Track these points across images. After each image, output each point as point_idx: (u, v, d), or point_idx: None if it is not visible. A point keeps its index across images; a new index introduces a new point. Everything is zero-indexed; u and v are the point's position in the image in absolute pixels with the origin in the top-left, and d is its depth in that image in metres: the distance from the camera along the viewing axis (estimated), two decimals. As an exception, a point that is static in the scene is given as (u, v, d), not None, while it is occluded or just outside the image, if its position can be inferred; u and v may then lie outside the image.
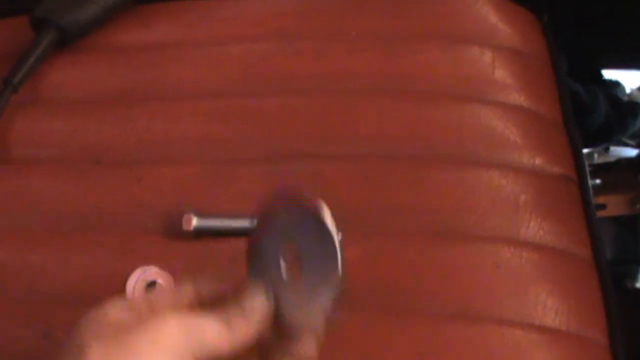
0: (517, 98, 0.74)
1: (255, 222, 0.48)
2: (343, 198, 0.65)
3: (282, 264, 0.47)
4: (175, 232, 0.66)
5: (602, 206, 1.29)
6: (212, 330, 0.43)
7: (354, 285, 0.59)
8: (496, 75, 0.75)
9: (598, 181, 1.31)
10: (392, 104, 0.72)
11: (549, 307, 0.60)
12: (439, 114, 0.72)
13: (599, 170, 1.35)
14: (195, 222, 0.65)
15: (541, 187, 0.68)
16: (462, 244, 0.63)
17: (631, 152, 1.43)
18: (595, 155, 1.52)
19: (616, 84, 1.53)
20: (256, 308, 0.45)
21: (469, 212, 0.65)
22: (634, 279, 1.28)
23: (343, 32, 0.80)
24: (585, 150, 1.52)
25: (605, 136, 1.37)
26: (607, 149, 1.49)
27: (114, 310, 0.44)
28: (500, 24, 0.79)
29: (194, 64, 0.80)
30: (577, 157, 0.73)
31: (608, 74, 1.51)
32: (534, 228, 0.64)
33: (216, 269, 0.64)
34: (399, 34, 0.79)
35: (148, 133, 0.75)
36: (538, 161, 0.70)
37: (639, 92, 1.54)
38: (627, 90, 1.54)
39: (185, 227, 0.65)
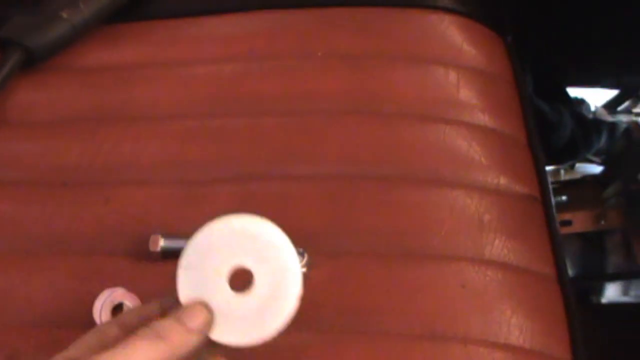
0: (482, 118, 0.75)
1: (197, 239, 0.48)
2: (310, 219, 0.65)
3: (224, 282, 0.47)
4: (142, 253, 0.65)
5: (568, 222, 1.30)
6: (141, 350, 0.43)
7: (320, 306, 0.60)
8: (461, 96, 0.76)
9: (564, 198, 1.32)
10: (358, 124, 0.73)
11: (513, 325, 0.61)
12: (404, 135, 0.72)
13: (565, 187, 1.36)
14: (162, 243, 0.65)
15: (505, 206, 0.69)
16: (428, 264, 0.64)
17: (596, 169, 1.44)
18: (562, 172, 1.54)
19: (581, 102, 1.55)
20: (194, 316, 0.45)
21: (434, 232, 0.65)
22: (599, 295, 1.29)
23: (310, 52, 0.80)
24: (551, 167, 1.54)
25: (571, 153, 1.39)
26: (572, 166, 1.51)
27: None
28: (465, 45, 0.80)
29: (162, 84, 0.80)
30: (541, 176, 0.74)
31: (573, 92, 1.53)
32: (499, 247, 0.65)
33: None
34: (365, 54, 0.79)
35: (115, 154, 0.75)
36: (502, 180, 0.70)
37: (604, 109, 1.56)
38: (592, 108, 1.56)
39: (152, 248, 0.65)
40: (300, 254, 0.58)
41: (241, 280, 0.47)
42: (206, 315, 0.46)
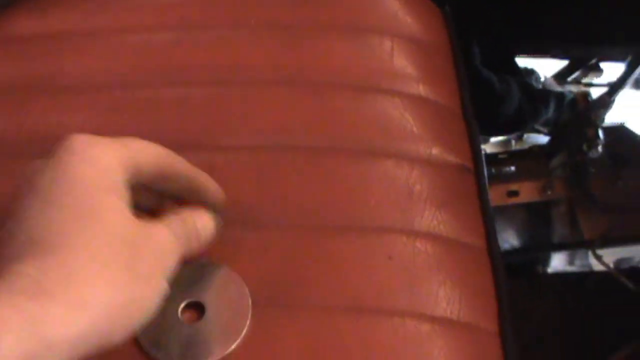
0: (416, 87, 0.74)
1: None
2: (237, 189, 0.64)
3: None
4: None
5: (515, 193, 1.31)
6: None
7: (244, 278, 0.59)
8: (395, 65, 0.75)
9: (512, 168, 1.32)
10: (288, 95, 0.72)
11: (441, 297, 0.60)
12: (335, 105, 0.71)
13: (513, 157, 1.37)
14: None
15: (437, 176, 0.68)
16: (355, 236, 0.63)
17: (543, 140, 1.45)
18: (513, 142, 1.55)
19: (531, 72, 1.56)
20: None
21: (363, 203, 0.64)
22: (545, 265, 1.30)
23: (243, 21, 0.79)
24: (502, 138, 1.55)
25: (519, 124, 1.39)
26: (521, 137, 1.52)
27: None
28: (400, 13, 0.79)
29: (91, 54, 0.78)
30: (474, 147, 0.73)
31: (524, 62, 1.54)
32: (428, 218, 0.65)
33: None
34: (298, 23, 0.78)
35: (42, 125, 0.73)
36: (435, 151, 0.70)
37: (553, 80, 1.57)
38: (542, 78, 1.56)
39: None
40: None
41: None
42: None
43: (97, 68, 0.77)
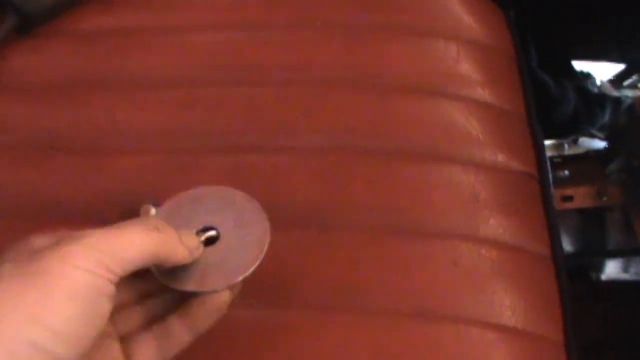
0: (481, 93, 0.74)
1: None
2: (301, 192, 0.65)
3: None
4: (133, 223, 0.65)
5: (570, 198, 1.29)
6: (134, 238, 0.43)
7: (305, 281, 0.59)
8: (460, 69, 0.75)
9: (566, 173, 1.31)
10: (354, 97, 0.72)
11: (505, 306, 0.60)
12: (400, 108, 0.71)
13: (568, 161, 1.35)
14: (153, 212, 0.64)
15: (502, 183, 0.68)
16: (420, 241, 0.63)
17: (600, 144, 1.43)
18: (566, 146, 1.53)
19: (587, 76, 1.54)
20: (188, 236, 0.48)
21: (428, 208, 0.65)
22: (599, 271, 1.28)
23: (309, 21, 0.79)
24: (555, 142, 1.53)
25: (574, 128, 1.38)
26: (576, 141, 1.50)
27: (38, 239, 0.45)
28: (466, 18, 0.79)
29: (158, 51, 0.79)
30: (539, 153, 0.73)
31: (580, 65, 1.52)
32: (494, 225, 0.64)
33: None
34: (364, 25, 0.78)
35: (109, 121, 0.74)
36: (500, 157, 0.69)
37: (610, 84, 1.55)
38: (598, 82, 1.54)
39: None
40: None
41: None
42: (197, 242, 0.49)
43: (163, 66, 0.78)
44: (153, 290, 0.51)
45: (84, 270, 0.40)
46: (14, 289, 0.39)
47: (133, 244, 0.43)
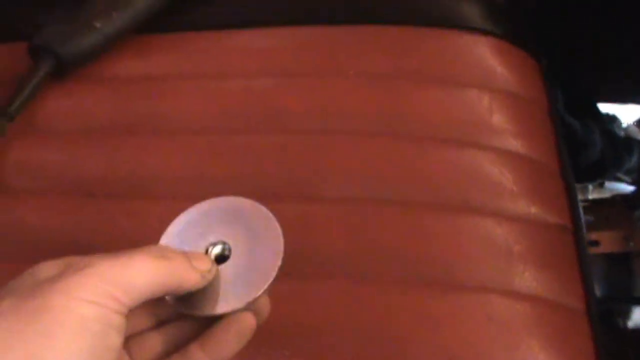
0: (514, 144, 0.74)
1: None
2: (332, 242, 0.65)
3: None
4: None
5: (595, 243, 1.29)
6: (142, 266, 0.41)
7: (338, 330, 0.59)
8: (493, 120, 0.75)
9: (592, 218, 1.30)
10: (386, 146, 0.72)
11: (540, 362, 0.60)
12: (433, 159, 0.71)
13: (593, 206, 1.35)
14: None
15: (536, 236, 0.67)
16: (454, 294, 0.62)
17: (626, 188, 1.42)
18: (590, 188, 1.52)
19: (613, 119, 1.53)
20: (199, 259, 0.46)
21: (462, 261, 0.64)
22: (626, 318, 1.27)
23: (341, 70, 0.80)
24: (579, 185, 1.52)
25: (600, 172, 1.37)
26: (601, 185, 1.49)
27: (44, 268, 0.43)
28: (499, 68, 0.79)
29: (191, 97, 0.80)
30: (573, 205, 0.72)
31: (605, 108, 1.52)
32: (528, 279, 0.64)
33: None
34: (397, 74, 0.78)
35: (141, 167, 0.74)
36: (533, 210, 0.69)
37: (636, 126, 1.54)
38: (624, 125, 1.54)
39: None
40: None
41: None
42: (210, 264, 0.46)
43: (196, 112, 0.78)
44: (172, 314, 0.48)
45: (90, 302, 0.38)
46: (13, 327, 0.37)
47: (141, 272, 0.41)
